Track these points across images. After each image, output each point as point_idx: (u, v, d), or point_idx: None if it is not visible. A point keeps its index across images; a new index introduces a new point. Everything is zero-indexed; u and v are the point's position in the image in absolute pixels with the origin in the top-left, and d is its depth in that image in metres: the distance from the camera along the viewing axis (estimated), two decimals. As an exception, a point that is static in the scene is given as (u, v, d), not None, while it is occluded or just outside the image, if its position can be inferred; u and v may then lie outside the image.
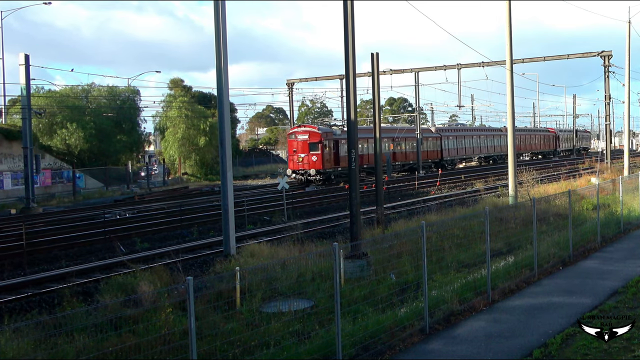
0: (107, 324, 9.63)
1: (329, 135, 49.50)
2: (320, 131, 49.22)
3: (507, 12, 25.33)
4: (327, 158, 48.80)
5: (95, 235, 24.52)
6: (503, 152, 78.80)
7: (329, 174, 48.82)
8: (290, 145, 51.01)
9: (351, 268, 13.83)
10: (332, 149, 49.44)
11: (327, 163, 48.65)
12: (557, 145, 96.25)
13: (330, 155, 49.28)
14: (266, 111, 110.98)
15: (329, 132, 50.18)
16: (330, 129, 51.16)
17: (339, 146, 50.07)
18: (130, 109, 63.43)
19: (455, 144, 71.25)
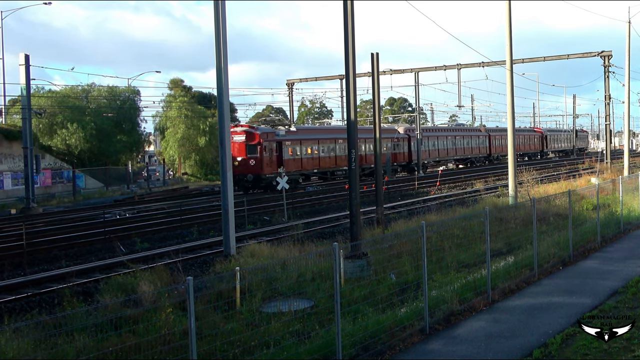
0: (107, 324, 9.63)
1: (269, 136, 44.49)
2: (258, 131, 44.30)
3: (507, 12, 25.33)
4: (267, 162, 43.44)
5: (95, 235, 24.52)
6: (481, 154, 76.97)
7: (270, 180, 42.45)
8: None
9: (351, 268, 13.83)
10: (274, 151, 44.26)
11: (267, 167, 43.21)
12: (544, 145, 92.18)
13: (272, 158, 43.94)
14: (266, 111, 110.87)
15: (269, 132, 45.29)
16: (272, 129, 46.45)
17: (283, 148, 45.20)
18: (131, 109, 63.41)
19: (428, 145, 65.11)
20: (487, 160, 78.29)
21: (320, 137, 50.59)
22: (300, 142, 46.89)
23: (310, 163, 48.07)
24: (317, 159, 48.38)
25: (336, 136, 51.58)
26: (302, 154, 47.26)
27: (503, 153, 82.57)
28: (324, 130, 56.91)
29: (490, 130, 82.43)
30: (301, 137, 47.72)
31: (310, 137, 49.04)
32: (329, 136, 51.66)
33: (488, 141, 78.61)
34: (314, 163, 48.37)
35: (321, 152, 49.58)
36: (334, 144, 50.96)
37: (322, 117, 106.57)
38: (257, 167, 43.00)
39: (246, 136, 43.71)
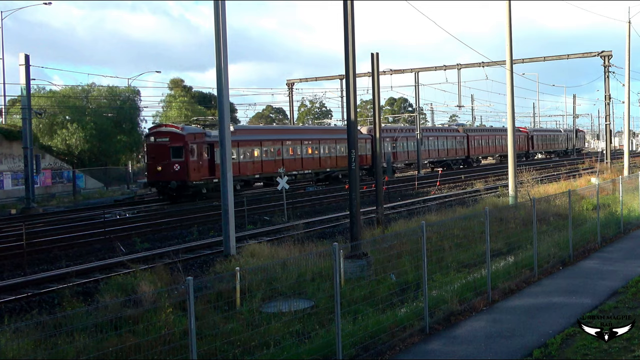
0: (107, 324, 9.64)
1: (198, 137, 39.13)
2: (184, 132, 38.69)
3: (507, 12, 25.33)
4: (195, 167, 38.08)
5: (95, 235, 24.52)
6: (459, 156, 71.67)
7: (199, 187, 38.42)
8: (148, 151, 40.10)
9: (351, 268, 13.83)
10: (203, 155, 38.90)
11: (194, 173, 37.99)
12: (529, 146, 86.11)
13: (201, 163, 38.63)
14: (266, 111, 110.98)
15: (199, 133, 39.83)
16: (202, 130, 40.91)
17: (215, 151, 38.22)
18: (131, 109, 63.43)
19: (396, 147, 59.26)
20: (464, 162, 73.19)
21: (265, 138, 45.46)
22: (238, 144, 41.03)
23: (251, 168, 42.74)
24: (260, 163, 42.99)
25: (284, 137, 46.53)
26: (241, 157, 41.68)
27: (483, 154, 78.70)
28: (270, 131, 51.85)
29: (469, 130, 77.54)
30: (240, 139, 41.84)
31: (251, 139, 43.88)
32: (276, 137, 46.53)
33: (466, 142, 73.51)
34: (256, 167, 42.94)
35: (265, 155, 44.00)
36: (280, 146, 45.54)
37: (322, 117, 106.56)
38: (183, 173, 37.40)
39: (170, 138, 38.27)
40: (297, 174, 46.84)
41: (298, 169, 47.01)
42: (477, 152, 76.04)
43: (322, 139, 50.21)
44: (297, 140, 47.58)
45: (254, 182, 44.15)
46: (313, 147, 48.85)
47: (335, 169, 50.81)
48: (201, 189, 38.68)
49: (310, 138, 49.13)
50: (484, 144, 77.89)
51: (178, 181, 37.31)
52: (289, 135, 47.70)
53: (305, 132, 53.04)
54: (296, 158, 46.93)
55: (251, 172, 42.60)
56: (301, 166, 47.12)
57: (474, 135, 75.71)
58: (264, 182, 44.95)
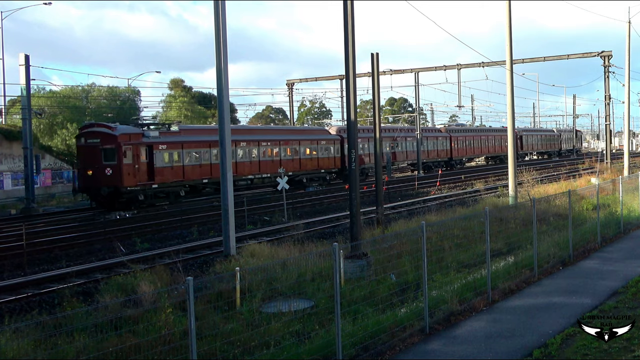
0: (107, 324, 9.64)
1: (134, 138, 35.01)
2: (117, 132, 34.38)
3: (507, 12, 25.34)
4: (130, 171, 34.05)
5: (95, 235, 24.54)
6: (441, 157, 67.38)
7: (134, 194, 34.39)
8: (78, 154, 36.31)
9: (351, 268, 13.83)
10: (140, 158, 34.87)
11: (129, 178, 33.94)
12: (519, 147, 79.19)
13: (137, 166, 34.49)
14: (266, 111, 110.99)
15: (134, 133, 35.59)
16: (139, 130, 36.41)
17: (155, 154, 35.54)
18: (131, 109, 63.42)
19: (368, 148, 53.54)
20: (447, 165, 68.68)
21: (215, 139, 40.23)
22: (182, 146, 37.57)
23: (197, 171, 38.57)
24: (209, 167, 38.87)
25: (237, 138, 41.63)
26: (186, 160, 37.84)
27: (468, 156, 73.77)
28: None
29: (452, 130, 73.14)
30: (184, 140, 38.19)
31: (198, 140, 39.58)
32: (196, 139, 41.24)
33: (449, 143, 69.18)
34: (204, 171, 38.80)
35: (215, 158, 38.97)
36: (233, 147, 40.00)
37: (322, 117, 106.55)
38: (116, 177, 33.53)
39: (101, 139, 34.23)
40: (253, 178, 42.65)
41: (254, 172, 42.81)
42: (460, 153, 71.58)
43: (283, 140, 46.05)
44: (253, 142, 43.16)
45: (202, 188, 39.76)
46: (273, 149, 44.64)
47: (299, 172, 46.12)
48: (137, 195, 34.47)
49: (269, 139, 44.74)
50: (469, 144, 73.44)
51: (110, 187, 33.31)
52: (244, 136, 43.21)
53: (264, 132, 48.66)
54: (252, 161, 42.69)
55: (198, 176, 38.61)
56: (258, 170, 43.05)
57: (457, 135, 71.53)
58: (214, 187, 39.54)
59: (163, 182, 35.97)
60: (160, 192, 36.18)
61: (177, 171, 37.14)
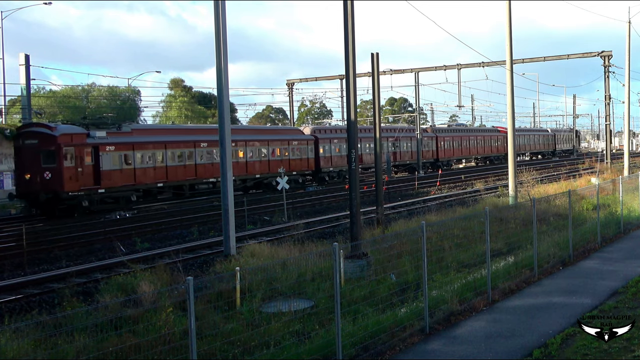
0: (107, 324, 9.64)
1: (77, 138, 32.19)
2: (57, 132, 31.52)
3: (507, 12, 25.34)
4: (71, 174, 31.30)
5: (95, 235, 24.54)
6: (425, 159, 63.56)
7: (78, 200, 31.65)
8: (16, 156, 33.39)
9: (351, 268, 13.83)
10: (84, 160, 32.12)
11: (71, 182, 31.20)
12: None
13: (81, 169, 31.82)
14: (266, 111, 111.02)
15: (77, 133, 32.61)
16: (83, 130, 33.31)
17: (102, 156, 32.85)
18: (131, 109, 63.48)
19: (343, 149, 51.39)
20: (433, 166, 65.29)
21: (172, 139, 38.28)
22: (133, 147, 34.90)
23: (152, 175, 36.02)
24: (165, 169, 36.46)
25: (198, 138, 39.54)
26: (138, 162, 35.17)
27: (456, 157, 70.89)
28: (180, 131, 43.08)
29: (439, 130, 70.27)
30: (136, 140, 35.59)
31: (152, 140, 36.82)
32: (187, 138, 39.54)
33: (435, 144, 66.12)
34: (159, 174, 36.23)
35: (172, 160, 37.19)
36: (192, 149, 38.66)
37: (322, 117, 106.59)
38: (56, 182, 30.86)
39: (40, 140, 31.60)
40: (215, 181, 39.03)
41: (217, 175, 37.88)
42: (447, 154, 68.36)
43: (249, 141, 43.11)
44: (215, 142, 37.63)
45: (158, 192, 36.96)
46: (238, 150, 41.36)
47: (267, 174, 43.53)
48: (81, 201, 31.79)
49: (233, 139, 41.65)
50: (457, 145, 70.26)
51: (48, 192, 30.68)
52: (205, 136, 40.19)
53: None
54: (214, 163, 39.18)
55: (152, 179, 36.03)
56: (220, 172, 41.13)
57: (444, 136, 68.41)
58: (172, 191, 37.82)
59: (111, 187, 33.22)
60: (107, 198, 33.63)
61: (127, 174, 34.49)
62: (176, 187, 37.84)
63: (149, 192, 36.37)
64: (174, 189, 37.74)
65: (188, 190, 38.43)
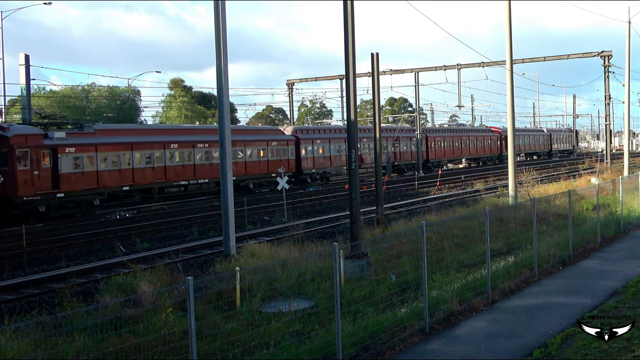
0: (107, 324, 9.65)
1: (33, 140, 30.05)
2: (10, 133, 29.48)
3: (507, 12, 25.34)
4: (26, 178, 29.29)
5: (95, 235, 24.54)
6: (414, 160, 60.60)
7: (34, 205, 29.66)
8: None
9: (351, 268, 13.83)
10: (41, 163, 30.08)
11: (26, 187, 29.24)
12: (504, 148, 75.11)
13: (37, 173, 29.72)
14: (266, 111, 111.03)
15: (34, 135, 30.45)
16: (39, 131, 31.17)
17: (60, 158, 30.77)
18: (131, 109, 63.48)
19: (330, 150, 49.36)
20: (422, 168, 60.79)
21: (137, 140, 35.78)
22: (96, 149, 32.83)
23: (116, 177, 33.86)
24: (131, 172, 34.42)
25: (168, 139, 37.44)
26: (101, 165, 33.08)
27: (447, 158, 67.84)
28: (146, 131, 40.00)
29: (429, 130, 66.78)
30: (100, 142, 33.32)
31: (117, 142, 34.51)
32: (156, 139, 37.00)
33: (425, 144, 62.95)
34: (125, 177, 34.14)
35: (139, 162, 34.99)
36: (162, 150, 36.53)
37: (323, 117, 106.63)
38: (8, 186, 28.85)
39: None
40: (187, 184, 37.82)
41: (189, 177, 37.89)
42: (438, 155, 65.38)
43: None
44: (187, 143, 38.32)
45: (125, 196, 34.90)
46: (211, 151, 39.32)
47: (244, 176, 41.44)
48: (37, 206, 29.78)
49: (206, 140, 39.54)
50: (448, 146, 67.61)
51: (0, 198, 28.77)
52: (176, 137, 38.64)
53: (200, 132, 42.34)
54: (185, 165, 37.69)
55: (117, 182, 33.85)
56: (193, 174, 38.09)
57: (434, 136, 65.37)
58: (141, 194, 35.68)
59: (71, 191, 31.15)
60: (68, 202, 31.50)
61: (89, 177, 32.34)
62: (144, 191, 35.88)
63: (114, 196, 34.30)
64: (142, 192, 35.74)
65: (157, 194, 36.39)
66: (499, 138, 76.59)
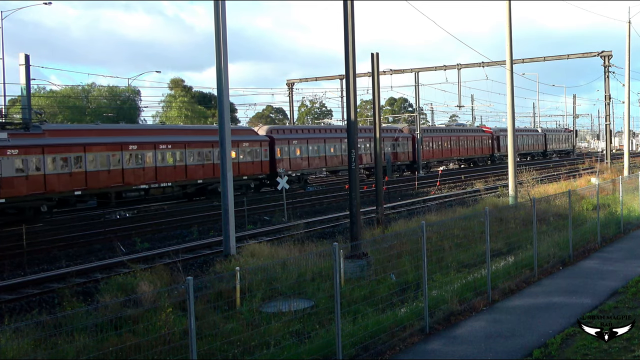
0: (107, 324, 9.65)
1: None
2: None
3: (507, 12, 25.33)
4: None
5: (95, 235, 24.54)
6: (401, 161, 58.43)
7: None
8: None
9: (351, 268, 13.83)
10: None
11: None
12: (495, 148, 74.51)
13: None
14: (266, 111, 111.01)
15: None
16: None
17: (1, 161, 28.33)
18: (131, 109, 63.48)
19: (308, 150, 47.61)
20: (409, 169, 59.94)
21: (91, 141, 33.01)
22: (43, 150, 30.38)
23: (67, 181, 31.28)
24: (84, 175, 31.91)
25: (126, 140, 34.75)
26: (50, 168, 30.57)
27: (436, 159, 65.07)
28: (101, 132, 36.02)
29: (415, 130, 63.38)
30: (47, 143, 30.84)
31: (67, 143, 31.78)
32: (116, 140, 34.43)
33: (412, 145, 60.54)
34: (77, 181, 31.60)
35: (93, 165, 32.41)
36: (119, 152, 33.97)
37: (323, 117, 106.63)
38: None
39: None
40: (148, 188, 35.53)
41: (150, 180, 35.32)
42: (427, 156, 62.25)
43: (188, 142, 38.43)
44: (147, 144, 35.63)
45: (77, 201, 32.58)
46: (175, 153, 37.22)
47: (212, 179, 38.68)
48: None
49: (169, 141, 37.22)
50: (437, 146, 64.88)
51: None
52: (134, 137, 35.95)
53: (163, 132, 39.95)
54: (145, 167, 35.26)
55: (68, 187, 31.22)
56: (154, 177, 35.61)
57: (423, 136, 62.40)
58: (96, 200, 33.49)
59: (13, 196, 28.61)
60: (9, 208, 28.99)
61: (35, 182, 29.65)
62: (100, 195, 33.38)
63: (65, 201, 31.85)
64: (97, 197, 33.35)
65: (115, 199, 33.77)
66: (490, 138, 74.83)
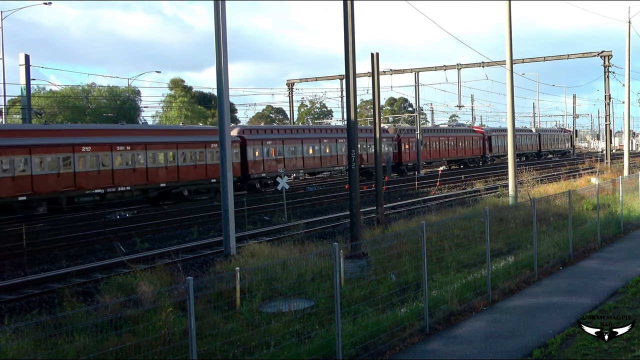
0: (107, 324, 9.65)
1: None
2: None
3: (507, 12, 25.33)
4: None
5: (95, 235, 24.54)
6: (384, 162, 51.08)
7: None
8: None
9: (351, 268, 13.83)
10: None
11: None
12: (487, 149, 72.98)
13: None
14: (266, 111, 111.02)
15: None
16: None
17: None
18: (131, 109, 63.48)
19: (284, 151, 45.62)
20: (395, 170, 57.14)
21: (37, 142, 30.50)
22: None
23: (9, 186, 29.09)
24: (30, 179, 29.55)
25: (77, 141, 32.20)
26: None
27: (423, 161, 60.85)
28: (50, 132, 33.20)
29: (402, 130, 61.65)
30: None
31: (9, 144, 29.52)
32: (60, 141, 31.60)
33: (397, 146, 58.22)
34: (22, 186, 29.33)
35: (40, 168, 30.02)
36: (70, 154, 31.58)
37: (323, 117, 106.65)
38: None
39: None
40: (104, 192, 33.06)
41: (106, 185, 32.92)
42: (412, 157, 59.70)
43: (149, 143, 35.68)
44: (103, 146, 33.17)
45: (22, 207, 30.11)
46: (135, 155, 34.62)
47: (177, 182, 36.88)
48: None
49: (128, 142, 34.51)
50: (425, 147, 62.35)
51: None
52: (89, 138, 33.42)
53: (120, 133, 36.18)
54: (101, 170, 32.82)
55: (10, 192, 28.91)
56: (111, 181, 33.20)
57: (409, 137, 59.95)
58: (47, 205, 30.74)
59: None
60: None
61: None
62: (49, 201, 30.82)
63: (7, 207, 29.54)
64: (47, 202, 30.72)
65: (66, 204, 31.49)
66: (481, 139, 72.84)
